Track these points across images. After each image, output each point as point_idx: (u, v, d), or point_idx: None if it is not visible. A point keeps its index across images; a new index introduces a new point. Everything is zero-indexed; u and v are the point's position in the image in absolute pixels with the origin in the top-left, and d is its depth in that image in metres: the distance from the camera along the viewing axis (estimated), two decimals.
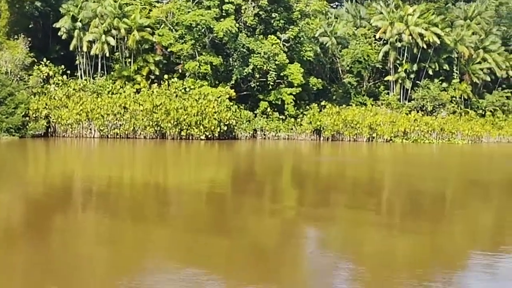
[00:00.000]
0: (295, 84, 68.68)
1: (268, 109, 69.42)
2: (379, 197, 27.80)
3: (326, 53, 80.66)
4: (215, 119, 62.56)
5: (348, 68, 79.92)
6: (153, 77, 69.39)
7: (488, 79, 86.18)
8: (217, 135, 63.16)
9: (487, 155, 62.12)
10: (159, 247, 16.74)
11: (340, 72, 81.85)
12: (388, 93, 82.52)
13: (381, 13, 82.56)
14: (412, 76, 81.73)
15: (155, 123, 62.37)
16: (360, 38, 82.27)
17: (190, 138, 62.91)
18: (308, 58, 71.89)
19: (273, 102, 69.34)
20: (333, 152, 57.45)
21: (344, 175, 37.19)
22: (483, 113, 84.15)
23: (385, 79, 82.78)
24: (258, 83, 69.32)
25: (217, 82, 68.67)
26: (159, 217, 21.20)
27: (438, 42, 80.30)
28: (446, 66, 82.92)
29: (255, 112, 69.94)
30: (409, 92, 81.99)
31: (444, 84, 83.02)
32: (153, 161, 44.36)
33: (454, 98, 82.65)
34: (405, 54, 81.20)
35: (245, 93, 70.90)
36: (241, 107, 69.62)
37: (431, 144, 71.55)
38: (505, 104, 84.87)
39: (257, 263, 15.35)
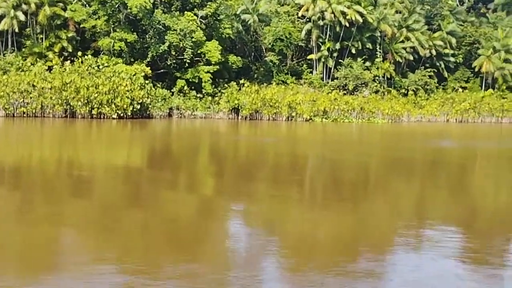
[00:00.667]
0: (213, 62, 67.31)
1: (186, 88, 67.89)
2: (298, 175, 27.39)
3: (248, 31, 79.41)
4: (127, 97, 60.66)
5: (270, 46, 78.79)
6: (66, 54, 66.99)
7: (411, 58, 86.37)
8: (130, 114, 61.29)
9: (404, 133, 62.14)
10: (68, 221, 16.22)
11: (263, 50, 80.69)
12: (311, 72, 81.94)
13: None
14: (335, 55, 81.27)
15: (65, 101, 60.09)
16: (282, 16, 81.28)
17: (102, 117, 60.91)
18: (227, 36, 70.50)
19: (191, 80, 67.87)
20: (250, 132, 56.43)
21: (262, 154, 36.27)
22: (406, 92, 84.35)
23: (308, 57, 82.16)
24: (174, 61, 67.66)
25: (132, 60, 66.76)
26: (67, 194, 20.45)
27: (361, 21, 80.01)
28: (369, 45, 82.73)
29: (172, 90, 68.28)
30: (332, 71, 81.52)
31: (368, 63, 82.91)
32: (60, 140, 42.52)
33: (377, 77, 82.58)
34: (328, 32, 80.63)
35: (162, 71, 69.19)
36: (158, 85, 67.88)
37: (351, 123, 71.31)
38: (427, 83, 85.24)
39: (174, 240, 14.91)
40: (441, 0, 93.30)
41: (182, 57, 66.79)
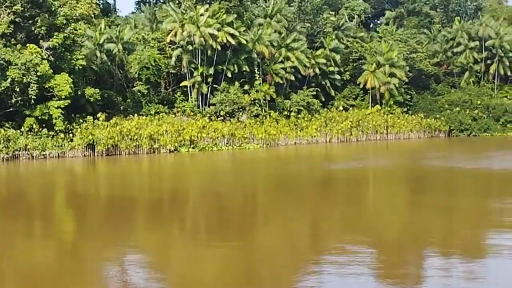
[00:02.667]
0: (63, 96, 62.20)
1: (35, 126, 62.52)
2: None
3: (114, 60, 74.70)
4: None
5: (137, 75, 74.17)
6: None
7: (293, 78, 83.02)
8: None
9: (271, 158, 59.01)
10: None
11: (130, 80, 76.04)
12: (186, 100, 77.64)
13: (172, 15, 77.50)
14: (210, 80, 77.27)
15: None
16: (151, 43, 77.01)
17: None
18: (80, 66, 65.63)
19: (40, 117, 62.55)
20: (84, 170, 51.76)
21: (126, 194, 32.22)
22: (289, 114, 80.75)
23: (182, 84, 77.91)
24: (20, 98, 62.26)
25: None
26: None
27: (233, 43, 76.40)
28: (246, 68, 79.17)
29: (22, 130, 62.79)
30: (208, 97, 77.46)
31: (247, 86, 79.40)
32: None
33: (257, 101, 78.95)
34: (200, 57, 76.63)
35: (11, 109, 63.68)
36: (7, 125, 62.42)
37: (220, 151, 67.08)
38: (310, 103, 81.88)
39: None
40: (322, 17, 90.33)
41: (28, 93, 61.49)
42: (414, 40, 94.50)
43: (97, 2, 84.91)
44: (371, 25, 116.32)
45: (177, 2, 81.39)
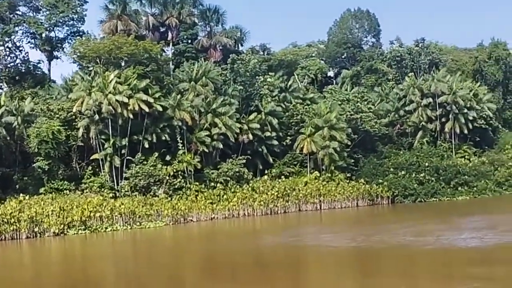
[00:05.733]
0: None
1: None
2: None
3: (13, 135, 68.38)
4: None
5: (36, 150, 67.51)
6: None
7: (221, 146, 75.85)
8: None
9: (157, 241, 51.44)
10: None
11: (30, 155, 69.37)
12: (97, 174, 70.67)
13: (78, 83, 71.47)
14: (124, 151, 70.52)
15: None
16: (57, 114, 70.73)
17: None
18: None
19: None
20: None
21: None
22: (215, 185, 73.30)
23: (92, 157, 71.12)
24: None
25: None
26: None
27: (148, 110, 69.97)
28: (166, 137, 72.45)
29: None
30: (123, 170, 70.53)
31: (169, 157, 72.53)
32: None
33: (180, 172, 71.84)
34: (111, 127, 70.10)
35: None
36: None
37: (116, 232, 59.66)
38: (240, 172, 74.49)
39: None
40: (259, 79, 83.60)
41: None
42: (362, 99, 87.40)
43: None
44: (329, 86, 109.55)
45: (90, 68, 75.55)
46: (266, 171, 79.16)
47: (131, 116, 69.67)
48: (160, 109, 71.54)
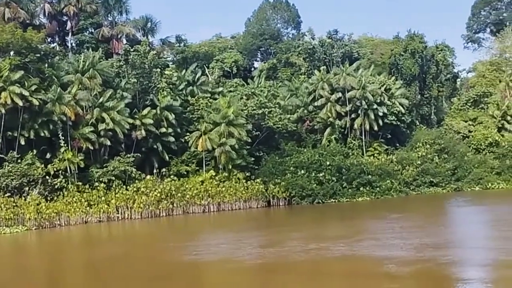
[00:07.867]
0: None
1: None
2: None
3: None
4: None
5: None
6: None
7: (109, 142, 70.62)
8: None
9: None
10: None
11: None
12: None
13: None
14: None
15: None
16: None
17: None
18: None
19: None
20: None
21: None
22: (99, 185, 68.04)
23: None
24: None
25: None
26: None
27: (21, 104, 64.53)
28: (45, 133, 66.97)
29: None
30: None
31: (49, 155, 67.18)
32: None
33: (61, 171, 66.49)
34: None
35: None
36: None
37: None
38: (127, 171, 69.35)
39: None
40: (155, 71, 78.27)
41: None
42: (269, 93, 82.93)
43: None
44: (247, 79, 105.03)
45: None
46: (163, 170, 74.25)
47: (2, 110, 64.16)
48: (37, 103, 66.04)
